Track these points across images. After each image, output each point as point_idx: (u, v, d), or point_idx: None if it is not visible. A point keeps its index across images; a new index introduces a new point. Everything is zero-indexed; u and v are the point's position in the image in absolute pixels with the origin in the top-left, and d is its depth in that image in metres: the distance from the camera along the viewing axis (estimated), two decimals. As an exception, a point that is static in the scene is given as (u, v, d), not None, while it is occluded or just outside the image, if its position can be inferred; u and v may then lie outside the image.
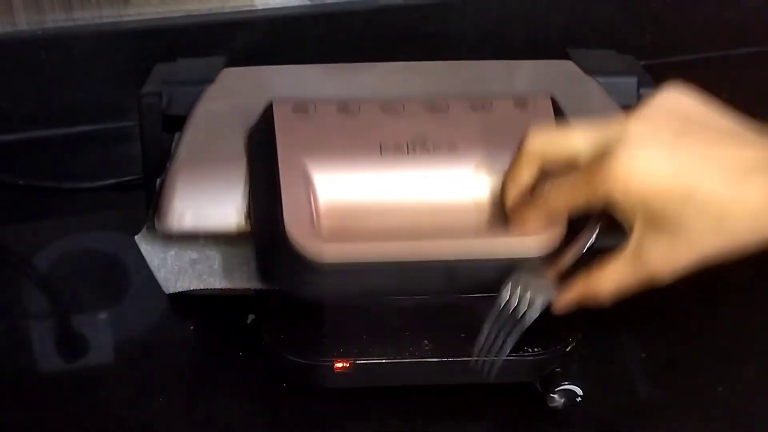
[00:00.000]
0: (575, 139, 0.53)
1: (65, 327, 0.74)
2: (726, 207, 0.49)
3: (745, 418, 0.63)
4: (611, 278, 0.54)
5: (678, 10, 1.05)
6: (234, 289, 0.66)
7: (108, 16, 0.96)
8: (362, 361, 0.60)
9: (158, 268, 0.66)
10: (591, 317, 0.64)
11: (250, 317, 0.68)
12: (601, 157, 0.51)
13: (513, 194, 0.58)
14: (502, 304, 0.55)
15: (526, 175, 0.56)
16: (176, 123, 0.76)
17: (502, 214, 0.60)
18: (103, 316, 0.74)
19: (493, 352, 0.55)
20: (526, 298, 0.55)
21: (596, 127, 0.53)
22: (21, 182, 0.88)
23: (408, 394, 0.64)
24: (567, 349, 0.61)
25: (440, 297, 0.64)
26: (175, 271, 0.66)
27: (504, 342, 0.55)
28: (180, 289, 0.66)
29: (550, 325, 0.62)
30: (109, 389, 0.66)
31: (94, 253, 0.81)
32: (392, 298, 0.65)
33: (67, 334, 0.72)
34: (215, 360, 0.69)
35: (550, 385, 0.61)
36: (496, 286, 0.56)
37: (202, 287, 0.66)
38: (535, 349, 0.61)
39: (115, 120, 0.96)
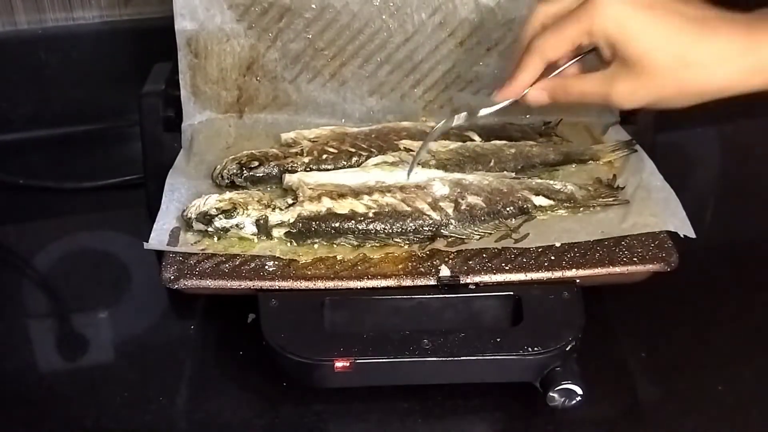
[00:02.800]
0: None
1: (65, 327, 0.74)
2: (688, 53, 0.58)
3: (745, 418, 0.63)
4: (581, 87, 0.63)
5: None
6: (234, 289, 0.66)
7: (108, 16, 0.96)
8: (362, 361, 0.60)
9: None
10: (591, 317, 0.64)
11: (250, 317, 0.68)
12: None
13: (520, 49, 0.65)
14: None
15: (531, 30, 0.64)
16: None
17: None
18: (103, 315, 0.74)
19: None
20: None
21: None
22: (21, 182, 0.88)
23: (408, 394, 0.64)
24: (567, 349, 0.61)
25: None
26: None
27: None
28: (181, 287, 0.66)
29: (550, 325, 0.62)
30: (109, 389, 0.66)
31: (94, 253, 0.81)
32: (392, 298, 0.65)
33: (68, 333, 0.72)
34: (215, 359, 0.69)
35: (550, 384, 0.61)
36: None
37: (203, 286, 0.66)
38: (535, 349, 0.61)
39: (115, 120, 0.96)
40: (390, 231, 0.69)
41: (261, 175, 0.76)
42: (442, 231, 0.70)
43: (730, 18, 0.58)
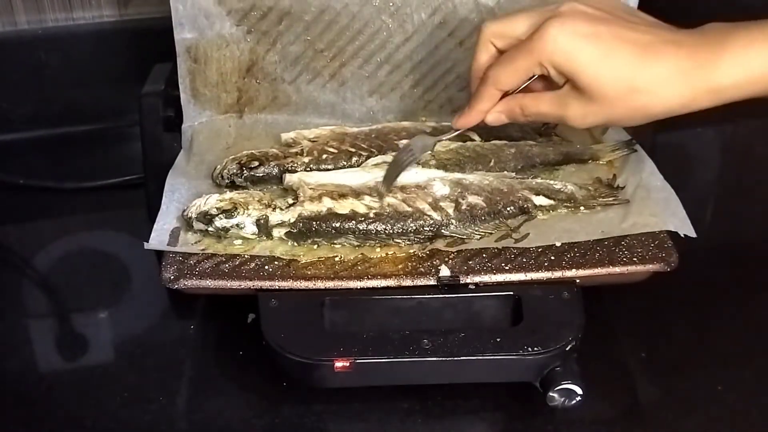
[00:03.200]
0: (520, 20, 0.64)
1: (65, 327, 0.74)
2: (635, 79, 0.60)
3: (745, 418, 0.63)
4: (537, 108, 0.66)
5: (678, 9, 1.05)
6: (234, 289, 0.66)
7: (108, 16, 0.96)
8: (362, 361, 0.60)
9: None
10: (591, 317, 0.64)
11: (250, 317, 0.68)
12: (536, 29, 0.62)
13: (475, 77, 0.67)
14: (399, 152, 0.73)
15: (483, 57, 0.67)
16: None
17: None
18: (103, 315, 0.74)
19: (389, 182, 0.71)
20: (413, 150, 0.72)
21: (537, 11, 0.63)
22: (21, 182, 0.88)
23: (408, 394, 0.64)
24: (567, 349, 0.61)
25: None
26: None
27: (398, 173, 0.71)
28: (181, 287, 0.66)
29: (550, 325, 0.62)
30: (109, 389, 0.66)
31: (94, 253, 0.81)
32: (392, 298, 0.65)
33: (68, 333, 0.72)
34: (215, 359, 0.69)
35: (550, 384, 0.61)
36: None
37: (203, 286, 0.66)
38: (535, 349, 0.61)
39: (115, 120, 0.96)
40: (391, 231, 0.69)
41: (261, 174, 0.76)
42: (442, 231, 0.70)
43: (675, 40, 0.60)
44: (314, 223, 0.69)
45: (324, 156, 0.77)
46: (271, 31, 0.81)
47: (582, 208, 0.73)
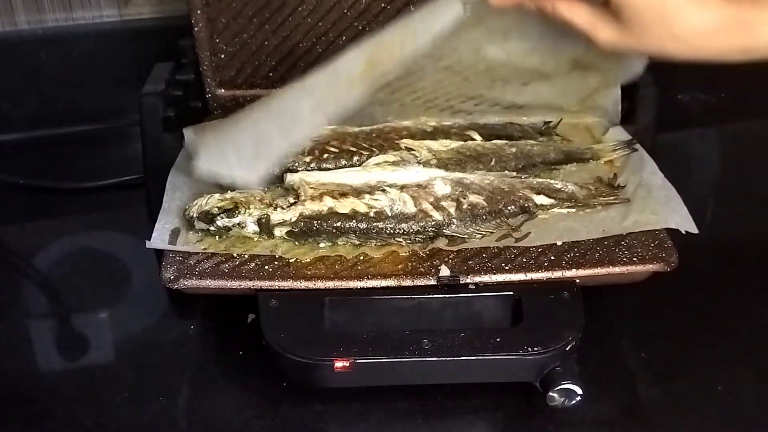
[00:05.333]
0: None
1: (66, 327, 0.74)
2: (675, 16, 0.58)
3: (745, 418, 0.63)
4: (570, 13, 0.63)
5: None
6: (234, 289, 0.66)
7: (108, 16, 0.96)
8: (362, 361, 0.60)
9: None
10: (591, 317, 0.64)
11: (250, 317, 0.68)
12: None
13: None
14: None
15: None
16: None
17: None
18: (103, 316, 0.74)
19: None
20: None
21: None
22: (21, 182, 0.88)
23: (408, 394, 0.64)
24: (567, 349, 0.61)
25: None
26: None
27: None
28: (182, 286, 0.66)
29: (550, 325, 0.62)
30: (109, 389, 0.66)
31: (95, 253, 0.81)
32: (392, 298, 0.65)
33: (68, 333, 0.72)
34: (215, 359, 0.69)
35: (550, 384, 0.61)
36: None
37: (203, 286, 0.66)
38: (535, 349, 0.61)
39: (115, 120, 0.96)
40: (393, 231, 0.69)
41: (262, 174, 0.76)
42: (444, 231, 0.70)
43: None
44: (315, 222, 0.69)
45: (325, 155, 0.77)
46: None
47: (583, 207, 0.73)
